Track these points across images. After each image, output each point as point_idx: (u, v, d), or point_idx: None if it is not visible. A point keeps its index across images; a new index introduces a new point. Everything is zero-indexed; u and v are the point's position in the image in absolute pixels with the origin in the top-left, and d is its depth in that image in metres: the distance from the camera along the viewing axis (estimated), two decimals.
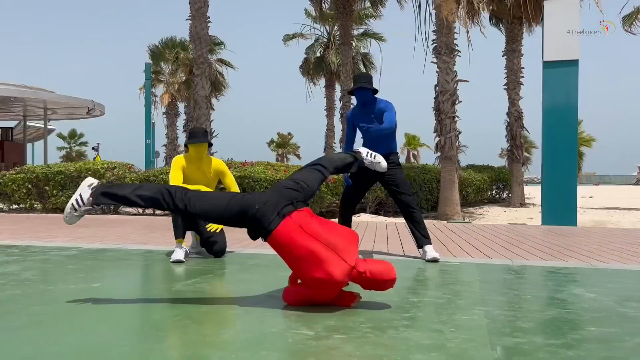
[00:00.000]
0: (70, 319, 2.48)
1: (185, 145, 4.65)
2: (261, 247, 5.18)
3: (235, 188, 4.62)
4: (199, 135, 4.55)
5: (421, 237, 4.50)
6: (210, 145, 4.70)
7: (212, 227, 4.47)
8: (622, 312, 2.65)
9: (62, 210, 10.34)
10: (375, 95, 4.61)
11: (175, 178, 4.43)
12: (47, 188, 10.37)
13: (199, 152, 4.55)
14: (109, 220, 8.72)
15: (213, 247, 4.44)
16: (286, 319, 2.48)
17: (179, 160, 4.55)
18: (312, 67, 23.05)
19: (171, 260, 4.18)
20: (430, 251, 4.40)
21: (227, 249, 4.67)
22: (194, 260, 4.36)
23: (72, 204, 2.80)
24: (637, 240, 6.02)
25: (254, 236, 2.81)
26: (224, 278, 3.55)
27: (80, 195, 2.80)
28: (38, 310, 2.63)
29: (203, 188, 4.32)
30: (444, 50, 11.19)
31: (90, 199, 2.78)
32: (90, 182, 2.87)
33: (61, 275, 3.57)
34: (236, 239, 5.91)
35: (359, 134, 4.75)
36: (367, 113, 4.56)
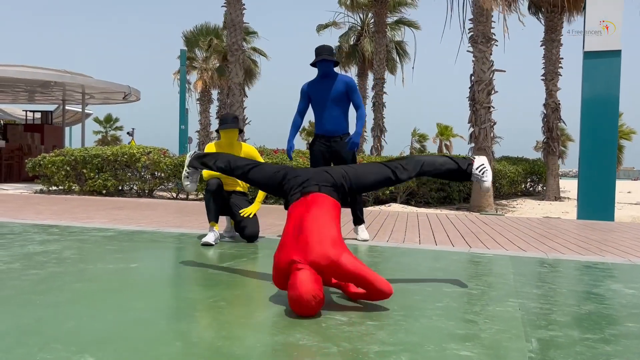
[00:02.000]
0: (109, 296, 2.56)
1: (217, 132, 4.72)
2: None
3: None
4: (229, 121, 4.64)
5: (357, 217, 4.90)
6: (240, 131, 4.76)
7: (245, 212, 4.53)
8: None
9: (98, 193, 10.63)
10: (335, 70, 4.86)
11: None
12: (84, 171, 10.65)
13: (230, 138, 4.63)
14: (143, 203, 8.91)
15: (245, 232, 4.50)
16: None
17: (211, 148, 4.66)
18: (345, 56, 22.92)
19: (201, 243, 4.26)
20: (363, 232, 4.85)
21: (260, 234, 4.71)
22: (228, 244, 4.43)
23: (183, 175, 3.54)
24: None
25: (286, 206, 2.89)
26: (257, 262, 3.59)
27: (189, 162, 3.46)
28: (79, 287, 2.73)
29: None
30: (481, 39, 10.98)
31: (187, 161, 3.46)
32: (191, 152, 3.54)
33: (100, 255, 3.68)
34: (269, 224, 5.97)
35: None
36: (327, 86, 4.74)
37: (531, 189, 17.87)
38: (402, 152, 43.12)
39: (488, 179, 3.16)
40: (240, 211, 4.54)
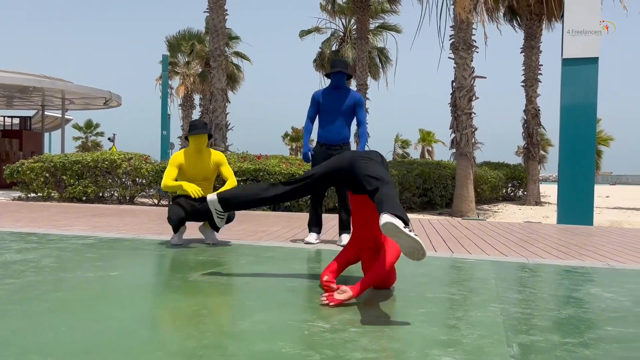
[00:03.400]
0: (89, 305, 2.51)
1: (186, 138, 4.69)
2: (275, 240, 5.20)
3: (232, 178, 4.64)
4: (199, 127, 4.61)
5: (346, 227, 5.03)
6: (210, 136, 4.73)
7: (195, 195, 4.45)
8: (639, 312, 2.63)
9: (78, 200, 10.48)
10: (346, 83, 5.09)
11: (169, 175, 4.53)
12: (64, 177, 10.50)
13: (199, 144, 4.60)
14: (124, 210, 8.81)
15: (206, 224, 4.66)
16: (302, 312, 2.49)
17: (177, 158, 4.62)
18: (327, 61, 22.98)
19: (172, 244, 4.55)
20: (346, 240, 4.91)
21: (241, 241, 4.69)
22: (209, 251, 4.39)
23: (216, 218, 3.56)
24: None
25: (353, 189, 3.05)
26: (239, 269, 3.57)
27: (216, 209, 3.39)
28: (57, 296, 2.68)
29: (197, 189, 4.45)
30: (462, 46, 11.12)
31: (221, 209, 3.37)
32: (212, 201, 3.37)
33: (79, 263, 3.62)
34: (251, 230, 5.94)
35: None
36: (338, 97, 4.96)
37: (512, 193, 18.09)
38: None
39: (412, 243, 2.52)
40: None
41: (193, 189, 4.42)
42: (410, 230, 2.41)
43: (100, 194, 10.79)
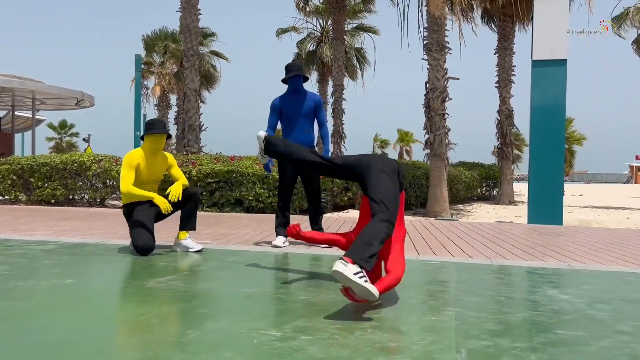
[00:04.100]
0: (35, 316, 2.45)
1: (141, 138, 4.55)
2: (242, 244, 5.16)
3: (183, 179, 4.55)
4: (158, 127, 4.47)
5: (319, 225, 5.20)
6: (169, 137, 4.64)
7: (172, 195, 4.35)
8: (591, 314, 2.65)
9: (47, 203, 10.27)
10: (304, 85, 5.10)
11: (129, 179, 4.34)
12: (32, 180, 10.28)
13: (157, 144, 4.49)
14: (94, 213, 8.66)
15: (184, 194, 4.49)
16: (256, 320, 2.46)
17: (133, 158, 4.40)
18: (304, 62, 22.95)
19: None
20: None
21: (207, 245, 4.62)
22: (172, 256, 4.32)
23: (261, 152, 3.63)
24: (618, 240, 6.05)
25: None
26: (200, 275, 3.52)
27: (262, 148, 3.58)
28: (4, 306, 2.60)
29: (154, 196, 4.37)
30: (435, 47, 11.17)
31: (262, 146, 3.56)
32: (259, 135, 3.60)
33: (35, 271, 3.53)
34: (220, 234, 5.88)
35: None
36: (298, 101, 5.01)
37: (487, 193, 18.28)
38: None
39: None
40: (169, 198, 4.36)
41: (165, 205, 4.29)
42: (362, 277, 2.48)
43: (71, 197, 10.60)
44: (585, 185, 60.11)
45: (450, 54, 11.44)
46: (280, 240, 4.99)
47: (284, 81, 5.07)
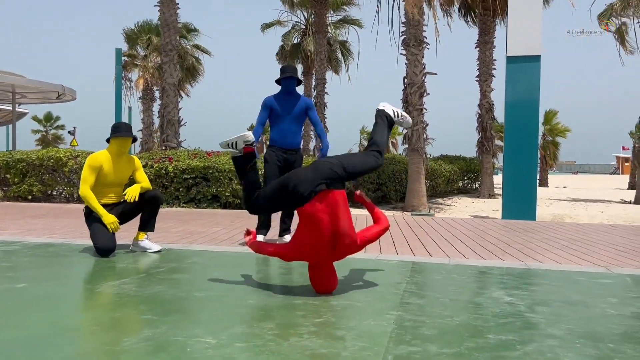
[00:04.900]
0: None
1: (107, 140, 4.53)
2: (208, 243, 5.18)
3: (146, 182, 4.57)
4: (123, 130, 4.47)
5: (287, 227, 5.27)
6: (134, 140, 4.65)
7: (129, 195, 4.35)
8: (528, 317, 2.72)
9: (24, 199, 10.22)
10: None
11: (88, 182, 4.33)
12: (8, 176, 10.22)
13: (123, 147, 4.49)
14: (70, 209, 8.64)
15: (145, 196, 4.50)
16: (196, 326, 2.50)
17: (96, 160, 4.39)
18: (289, 55, 22.89)
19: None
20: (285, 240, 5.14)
21: (173, 244, 4.64)
22: (132, 258, 4.34)
23: (229, 144, 3.45)
24: (583, 237, 6.15)
25: (291, 208, 3.22)
26: (155, 278, 3.55)
27: (236, 143, 3.43)
28: None
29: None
30: (413, 42, 11.20)
31: (242, 151, 3.44)
32: (248, 138, 3.43)
33: None
34: (189, 232, 5.90)
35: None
36: (290, 102, 5.12)
37: (468, 186, 18.42)
38: (351, 149, 43.50)
39: (406, 115, 3.71)
40: (125, 198, 4.36)
41: (113, 225, 4.31)
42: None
43: (50, 192, 10.55)
44: (572, 177, 60.68)
45: (428, 49, 11.48)
46: (260, 238, 5.09)
47: (277, 82, 5.18)
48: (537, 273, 3.95)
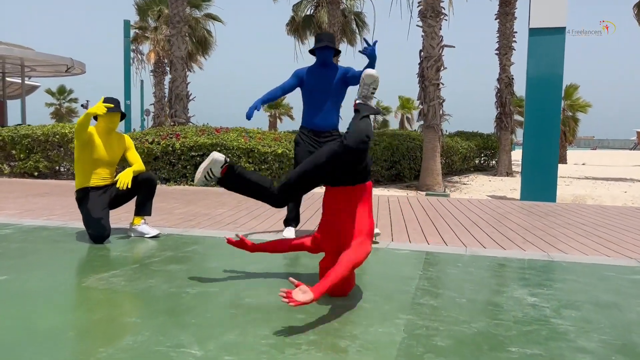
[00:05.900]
0: None
1: (95, 117, 4.23)
2: (211, 228, 4.93)
3: (138, 164, 4.29)
4: (113, 105, 4.16)
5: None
6: (123, 116, 4.35)
7: (121, 182, 4.00)
8: (554, 325, 2.42)
9: (30, 175, 10.07)
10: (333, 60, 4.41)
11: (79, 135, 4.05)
12: (14, 152, 10.05)
13: (112, 123, 4.21)
14: (73, 187, 8.45)
15: (139, 179, 4.23)
16: (183, 332, 2.24)
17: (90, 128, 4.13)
18: (300, 26, 22.31)
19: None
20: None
21: (174, 229, 4.40)
22: (129, 244, 4.11)
23: (205, 175, 2.89)
24: (607, 221, 5.80)
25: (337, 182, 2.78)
26: (147, 270, 3.30)
27: (211, 171, 2.88)
28: None
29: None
30: (430, 13, 10.71)
31: (220, 176, 2.90)
32: (219, 159, 2.88)
33: None
34: (193, 214, 5.66)
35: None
36: (325, 76, 4.35)
37: (485, 163, 17.98)
38: None
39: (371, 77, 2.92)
40: (117, 186, 4.01)
41: (104, 106, 3.87)
42: None
43: (57, 168, 10.39)
44: (591, 152, 59.56)
45: (446, 19, 10.98)
46: (290, 231, 4.56)
47: (311, 52, 4.40)
48: (562, 266, 3.63)
